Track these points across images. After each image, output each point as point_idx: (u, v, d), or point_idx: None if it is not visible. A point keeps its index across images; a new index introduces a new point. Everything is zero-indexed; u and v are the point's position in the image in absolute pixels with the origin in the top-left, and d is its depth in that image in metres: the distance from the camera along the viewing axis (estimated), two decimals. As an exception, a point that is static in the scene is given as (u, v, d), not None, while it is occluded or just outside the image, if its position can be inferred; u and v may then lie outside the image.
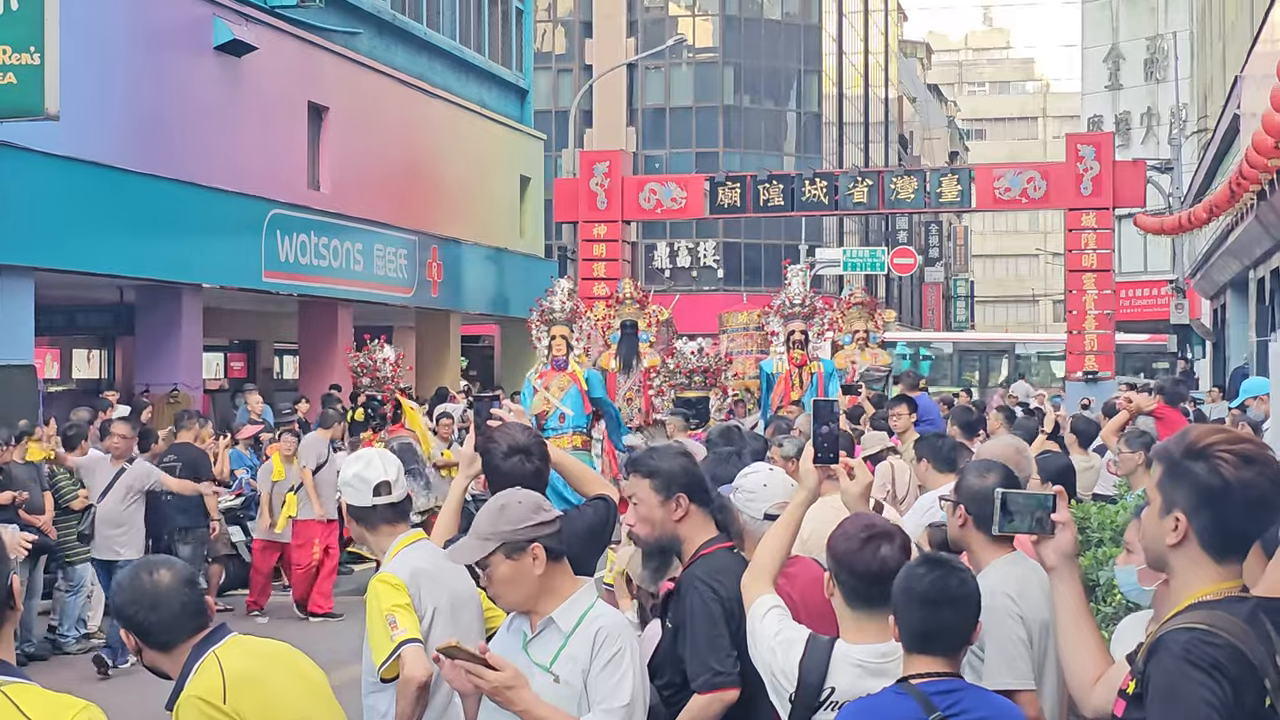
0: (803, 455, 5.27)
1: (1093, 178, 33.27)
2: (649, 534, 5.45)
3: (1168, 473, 3.59)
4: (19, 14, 17.19)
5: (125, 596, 4.40)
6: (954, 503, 5.67)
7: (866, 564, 4.66)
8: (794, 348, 20.18)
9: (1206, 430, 3.62)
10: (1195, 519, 3.54)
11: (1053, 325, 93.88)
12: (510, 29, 36.55)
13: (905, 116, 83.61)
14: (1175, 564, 3.60)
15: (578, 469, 6.72)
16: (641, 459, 5.59)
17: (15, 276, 18.40)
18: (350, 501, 5.73)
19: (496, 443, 5.92)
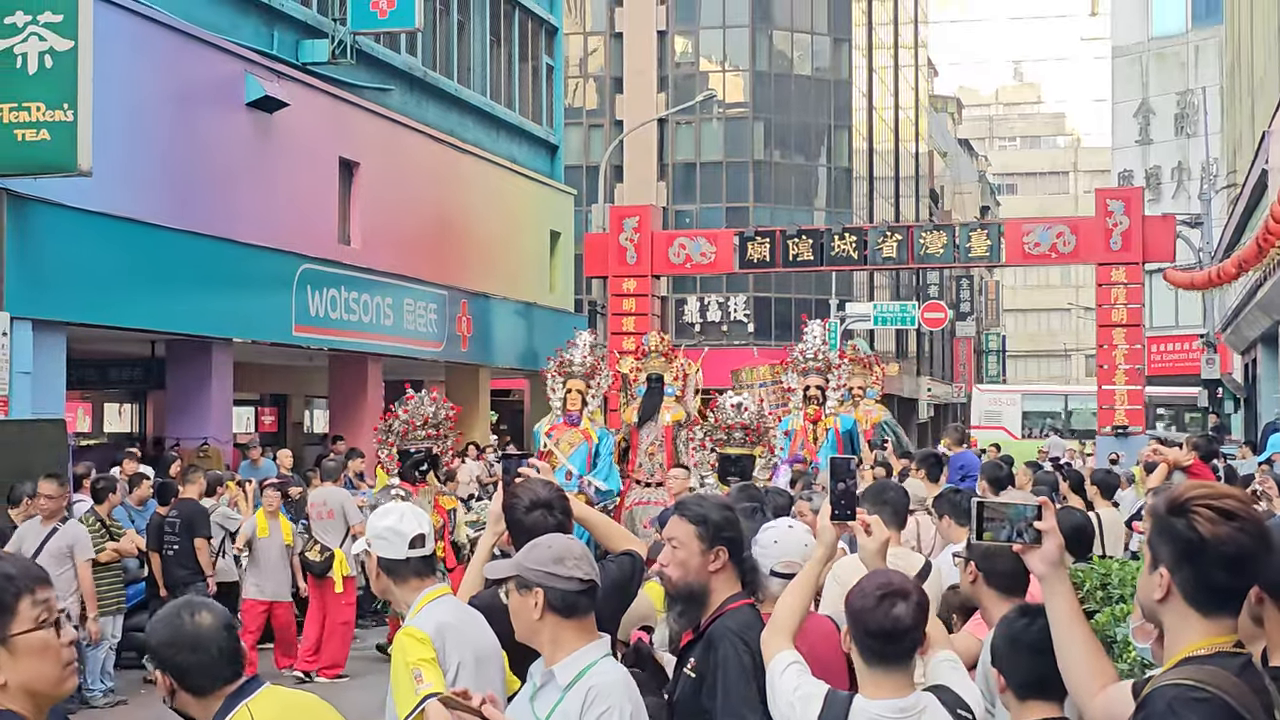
0: (820, 512, 5.29)
1: (1122, 232, 33.29)
2: (680, 578, 5.47)
3: (1154, 529, 3.64)
4: (53, 71, 17.36)
5: (164, 636, 4.31)
6: (965, 559, 5.70)
7: (879, 622, 4.68)
8: (809, 403, 20.06)
9: (1189, 486, 3.65)
10: (1177, 574, 3.57)
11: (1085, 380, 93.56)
12: (541, 85, 36.74)
13: (936, 171, 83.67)
14: (1165, 619, 3.64)
15: (604, 524, 6.75)
16: (690, 504, 5.62)
17: (48, 331, 18.51)
18: (382, 554, 5.74)
19: (519, 498, 5.94)
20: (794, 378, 20.45)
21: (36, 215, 18.24)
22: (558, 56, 38.21)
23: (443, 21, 31.21)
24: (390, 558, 5.71)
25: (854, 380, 22.78)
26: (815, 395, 20.02)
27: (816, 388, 20.03)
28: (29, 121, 17.33)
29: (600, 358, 20.41)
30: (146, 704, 15.24)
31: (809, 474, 15.68)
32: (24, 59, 17.38)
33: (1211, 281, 30.28)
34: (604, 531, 6.63)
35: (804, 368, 20.28)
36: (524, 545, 5.31)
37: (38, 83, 17.36)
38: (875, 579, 4.82)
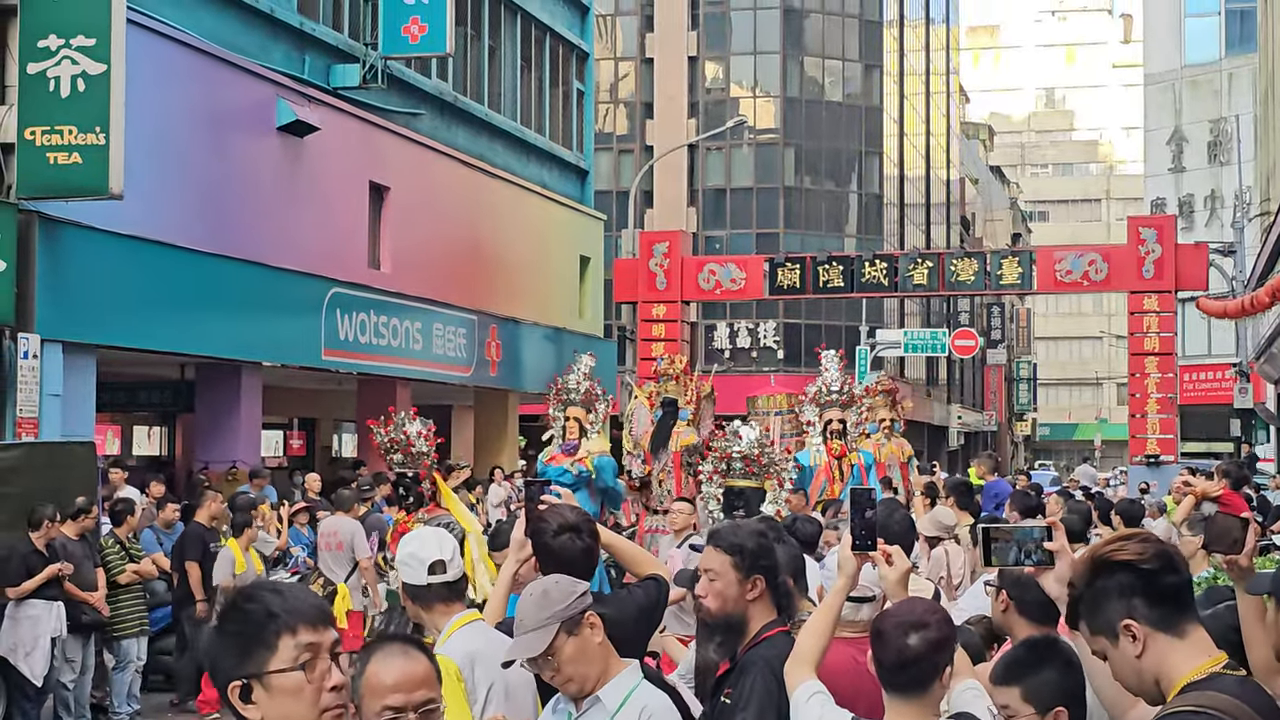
0: (841, 543, 5.25)
1: (1155, 261, 33.18)
2: (719, 609, 5.44)
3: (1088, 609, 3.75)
4: (85, 95, 17.42)
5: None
6: (997, 588, 5.67)
7: (887, 654, 4.67)
8: (832, 437, 19.52)
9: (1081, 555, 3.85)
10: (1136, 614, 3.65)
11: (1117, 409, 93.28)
12: (571, 110, 36.80)
13: (967, 198, 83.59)
14: (1151, 669, 3.67)
15: (629, 549, 6.72)
16: (724, 534, 5.57)
17: (78, 354, 18.55)
18: (405, 580, 5.73)
19: (546, 522, 5.92)
20: (812, 410, 19.94)
21: (68, 238, 18.29)
22: (588, 81, 38.27)
23: (474, 46, 31.28)
24: (412, 584, 5.70)
25: (881, 411, 22.10)
26: (837, 429, 19.54)
27: (839, 421, 19.56)
28: (61, 145, 17.39)
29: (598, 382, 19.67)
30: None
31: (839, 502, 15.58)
32: (56, 82, 17.45)
33: (1244, 310, 30.13)
34: (628, 556, 6.61)
35: (826, 401, 19.81)
36: (552, 570, 5.29)
37: (70, 106, 17.43)
38: (900, 609, 4.79)
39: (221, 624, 3.31)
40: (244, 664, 3.24)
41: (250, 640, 3.26)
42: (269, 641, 3.25)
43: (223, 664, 3.28)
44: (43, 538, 13.81)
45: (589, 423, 18.97)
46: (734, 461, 15.24)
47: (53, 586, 13.94)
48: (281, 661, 3.23)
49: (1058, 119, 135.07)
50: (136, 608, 15.36)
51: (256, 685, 3.23)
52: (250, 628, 3.26)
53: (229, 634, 3.29)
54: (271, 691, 3.24)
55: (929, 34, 75.81)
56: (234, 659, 3.26)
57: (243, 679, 3.24)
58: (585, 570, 5.92)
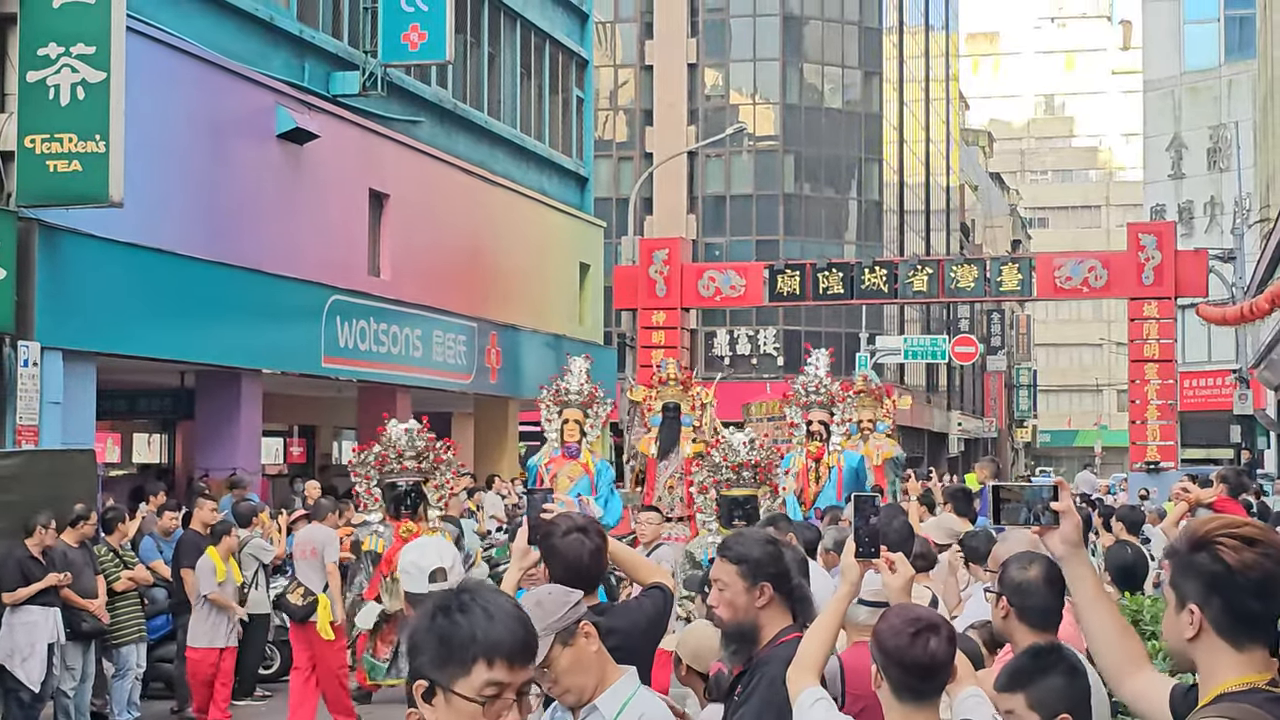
0: (844, 549, 5.25)
1: (1154, 267, 33.19)
2: (730, 618, 5.46)
3: (1176, 569, 3.64)
4: (85, 103, 17.45)
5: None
6: (997, 594, 5.67)
7: (916, 658, 4.64)
8: (813, 439, 18.96)
9: (1205, 520, 3.66)
10: (1207, 608, 3.56)
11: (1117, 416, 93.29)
12: (571, 117, 36.82)
13: (967, 205, 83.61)
14: (1198, 658, 3.63)
15: (632, 558, 6.75)
16: (731, 543, 5.59)
17: (78, 361, 18.56)
18: (407, 588, 5.76)
19: (556, 524, 5.94)
20: (795, 412, 19.42)
21: (67, 246, 18.31)
22: (588, 89, 38.30)
23: (473, 54, 31.30)
24: (414, 591, 5.72)
25: (863, 413, 21.75)
26: (819, 431, 19.04)
27: (820, 423, 19.07)
28: (61, 152, 17.43)
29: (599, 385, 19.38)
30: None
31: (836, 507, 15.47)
32: (56, 90, 17.49)
33: (1244, 317, 30.15)
34: (631, 564, 6.64)
35: (805, 401, 19.32)
36: (560, 572, 5.30)
37: (70, 114, 17.47)
38: (903, 614, 4.78)
39: (433, 619, 3.27)
40: (437, 667, 3.23)
41: (450, 651, 3.24)
42: (464, 662, 3.22)
43: (420, 655, 3.26)
44: (37, 544, 13.80)
45: (588, 426, 18.70)
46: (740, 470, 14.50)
47: (49, 593, 13.93)
48: (468, 688, 3.19)
49: (1057, 125, 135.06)
50: (134, 615, 15.33)
51: (440, 693, 3.21)
52: (453, 641, 3.24)
53: (434, 633, 3.26)
54: (450, 707, 3.21)
55: (928, 41, 75.83)
56: (430, 657, 3.24)
57: (430, 681, 3.23)
58: (594, 573, 5.94)
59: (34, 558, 13.81)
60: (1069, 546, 4.19)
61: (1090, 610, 4.16)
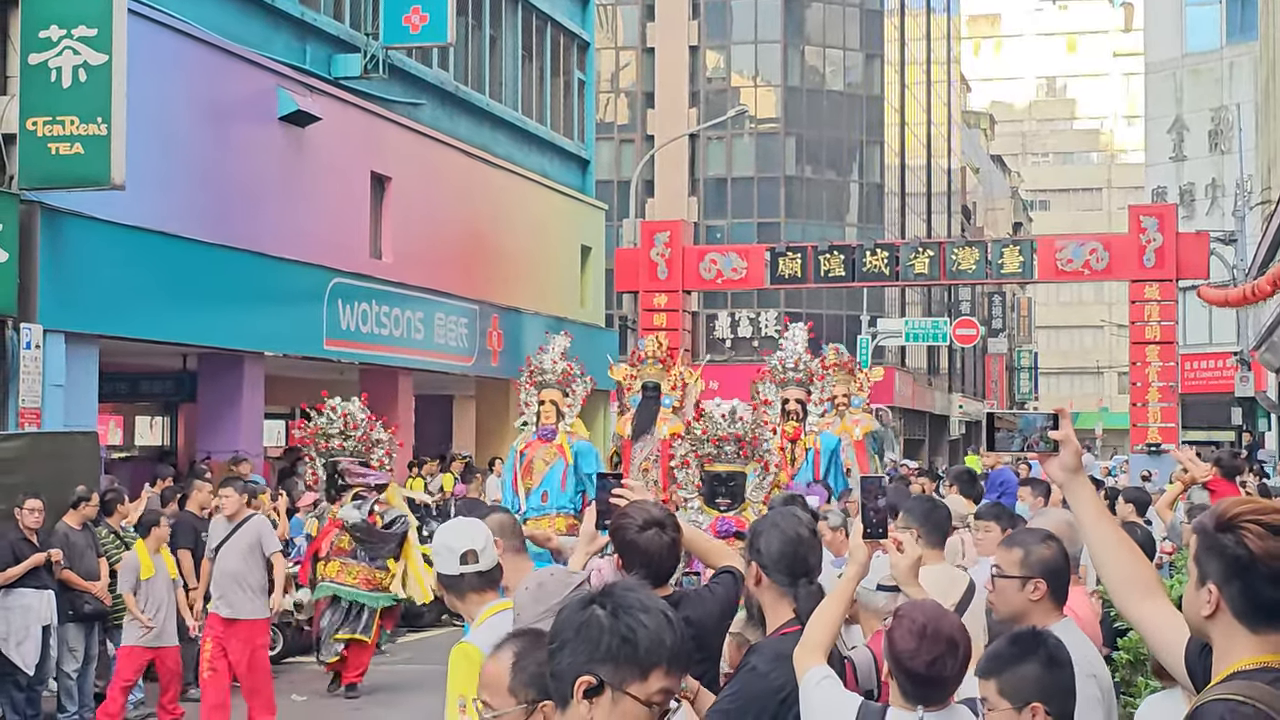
0: (853, 531, 5.26)
1: (1156, 249, 33.17)
2: (750, 595, 5.53)
3: (1201, 545, 3.65)
4: (86, 85, 17.45)
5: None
6: (1024, 577, 5.66)
7: (923, 673, 4.70)
8: (788, 419, 18.14)
9: (1235, 501, 3.66)
10: (1226, 590, 3.57)
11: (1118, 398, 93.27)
12: (573, 100, 36.80)
13: (968, 187, 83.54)
14: (1213, 635, 3.65)
15: (701, 541, 6.69)
16: (755, 523, 5.63)
17: (80, 344, 18.57)
18: (439, 570, 5.74)
19: (631, 517, 5.86)
20: (770, 389, 18.52)
21: (69, 228, 18.32)
22: (589, 71, 38.26)
23: (475, 36, 31.27)
24: (446, 573, 5.71)
25: (836, 388, 20.78)
26: (795, 410, 18.24)
27: (797, 401, 18.28)
28: (62, 135, 17.43)
29: (574, 362, 18.65)
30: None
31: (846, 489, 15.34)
32: (58, 73, 17.48)
33: (1246, 299, 30.13)
34: (702, 548, 6.58)
35: (783, 378, 18.52)
36: (636, 566, 5.31)
37: (71, 96, 17.46)
38: (916, 618, 4.76)
39: (615, 616, 3.21)
40: (610, 667, 3.17)
41: (633, 652, 3.18)
42: (644, 667, 3.18)
43: (584, 647, 3.20)
44: (31, 526, 13.86)
45: (566, 405, 18.11)
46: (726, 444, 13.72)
47: (43, 575, 13.94)
48: (642, 691, 3.16)
49: (1059, 108, 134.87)
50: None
51: (609, 693, 3.17)
52: (638, 643, 3.19)
53: (618, 633, 3.20)
54: (616, 709, 3.17)
55: (930, 23, 75.74)
56: (605, 655, 3.18)
57: (598, 679, 3.17)
58: (671, 566, 5.93)
59: (26, 539, 13.84)
60: (1068, 473, 4.22)
61: (1095, 531, 4.19)
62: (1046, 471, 4.32)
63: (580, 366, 18.82)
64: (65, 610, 14.07)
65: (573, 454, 17.68)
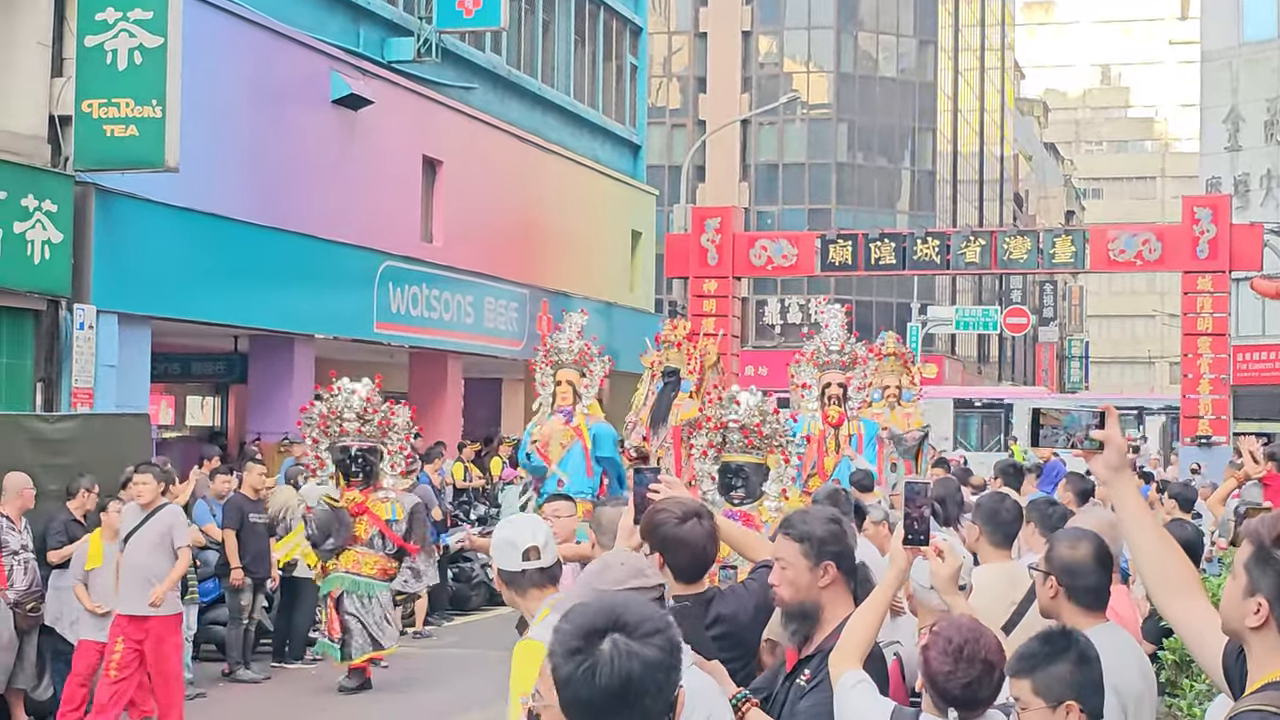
0: (893, 536, 5.22)
1: (1209, 240, 32.93)
2: (791, 597, 5.33)
3: (1255, 556, 3.61)
4: (142, 68, 17.55)
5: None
6: (1044, 573, 5.63)
7: (956, 694, 4.73)
8: (830, 404, 17.29)
9: None
10: (1277, 607, 3.56)
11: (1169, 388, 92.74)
12: (625, 85, 36.78)
13: (1021, 175, 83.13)
14: (1253, 644, 3.63)
15: (738, 534, 6.64)
16: (794, 520, 5.49)
17: (133, 325, 18.70)
18: (500, 566, 5.74)
19: (668, 511, 5.80)
20: (809, 372, 17.68)
21: (124, 210, 18.43)
22: (641, 56, 38.23)
23: (528, 21, 31.29)
24: (507, 569, 5.71)
25: (888, 378, 20.38)
26: (836, 394, 17.30)
27: (838, 385, 17.36)
28: (118, 117, 17.55)
29: (592, 341, 18.04)
30: (227, 698, 15.38)
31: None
32: (114, 55, 17.60)
33: (1299, 291, 29.95)
34: (738, 541, 6.53)
35: (826, 361, 17.62)
36: (685, 560, 5.31)
37: (127, 79, 17.57)
38: (954, 636, 4.75)
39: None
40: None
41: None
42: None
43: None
44: (80, 507, 13.92)
45: (584, 386, 17.49)
46: (730, 433, 12.78)
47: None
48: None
49: (1113, 95, 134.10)
50: (186, 577, 15.42)
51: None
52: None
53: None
54: None
55: (984, 9, 75.34)
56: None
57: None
58: (713, 555, 5.89)
59: (77, 521, 13.93)
60: (1112, 471, 4.24)
61: (1136, 529, 4.21)
62: (1091, 469, 4.33)
63: (599, 346, 18.33)
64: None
65: (591, 437, 17.11)
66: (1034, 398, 44.41)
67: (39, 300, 17.38)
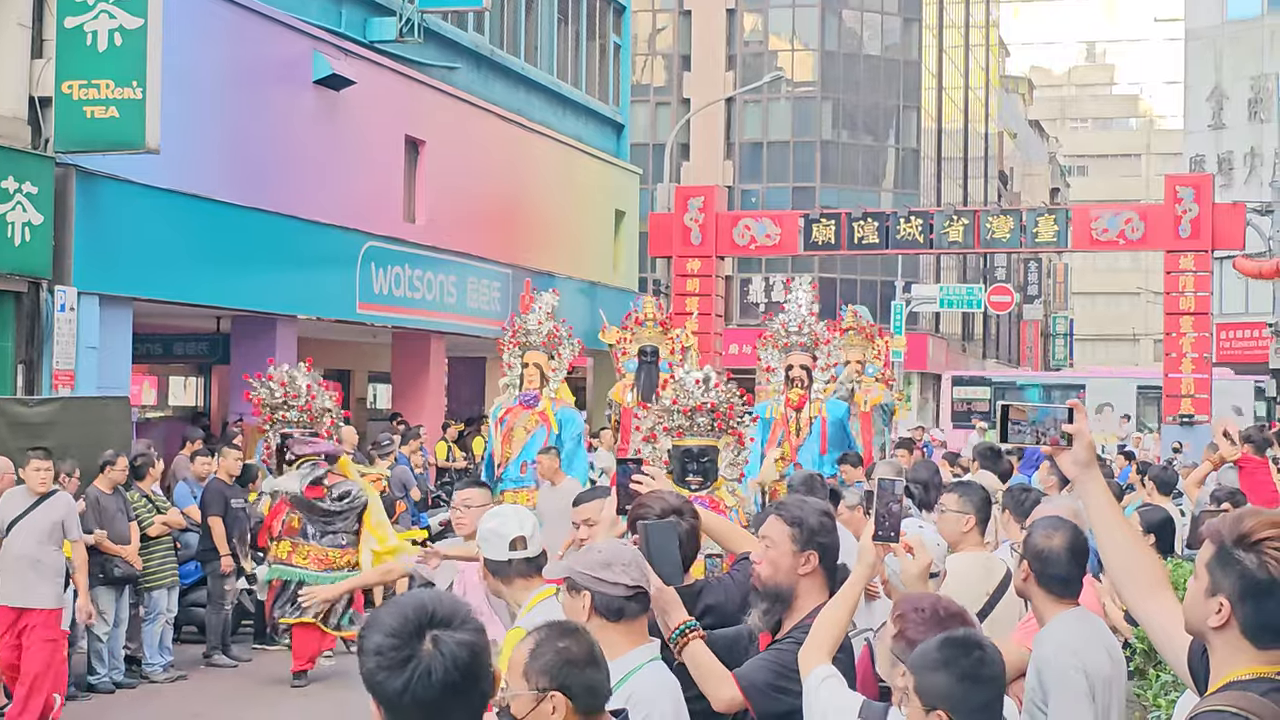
0: (863, 533, 5.26)
1: (1191, 220, 32.99)
2: (769, 577, 5.43)
3: (1216, 556, 3.62)
4: (122, 49, 17.51)
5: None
6: (1021, 556, 5.71)
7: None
8: (792, 386, 16.71)
9: (1261, 521, 3.62)
10: (1239, 608, 3.56)
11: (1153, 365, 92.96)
12: (608, 64, 36.72)
13: (1006, 152, 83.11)
14: (1214, 644, 3.64)
15: (722, 526, 6.74)
16: (788, 504, 5.60)
17: (114, 306, 18.69)
18: (487, 555, 5.80)
19: (649, 506, 5.93)
20: (773, 354, 17.10)
21: (105, 191, 18.42)
22: (625, 34, 38.16)
23: (510, 0, 31.22)
24: (494, 559, 5.77)
25: (851, 353, 19.73)
26: (800, 377, 16.69)
27: (801, 367, 16.75)
28: (98, 99, 17.52)
29: (561, 323, 17.55)
30: (207, 680, 15.41)
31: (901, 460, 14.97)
32: (94, 36, 17.55)
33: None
34: (721, 533, 6.60)
35: (786, 343, 16.99)
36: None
37: (107, 60, 17.53)
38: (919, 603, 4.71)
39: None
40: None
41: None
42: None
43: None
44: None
45: (551, 370, 17.11)
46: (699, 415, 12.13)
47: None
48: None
49: (1098, 73, 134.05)
50: (166, 559, 15.46)
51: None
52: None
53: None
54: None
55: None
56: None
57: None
58: (691, 553, 5.95)
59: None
60: (1080, 467, 4.25)
61: (1104, 529, 4.21)
62: (1059, 464, 4.36)
63: (569, 328, 17.96)
64: (96, 574, 14.17)
65: (557, 422, 16.72)
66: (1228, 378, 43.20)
67: (20, 282, 17.35)
